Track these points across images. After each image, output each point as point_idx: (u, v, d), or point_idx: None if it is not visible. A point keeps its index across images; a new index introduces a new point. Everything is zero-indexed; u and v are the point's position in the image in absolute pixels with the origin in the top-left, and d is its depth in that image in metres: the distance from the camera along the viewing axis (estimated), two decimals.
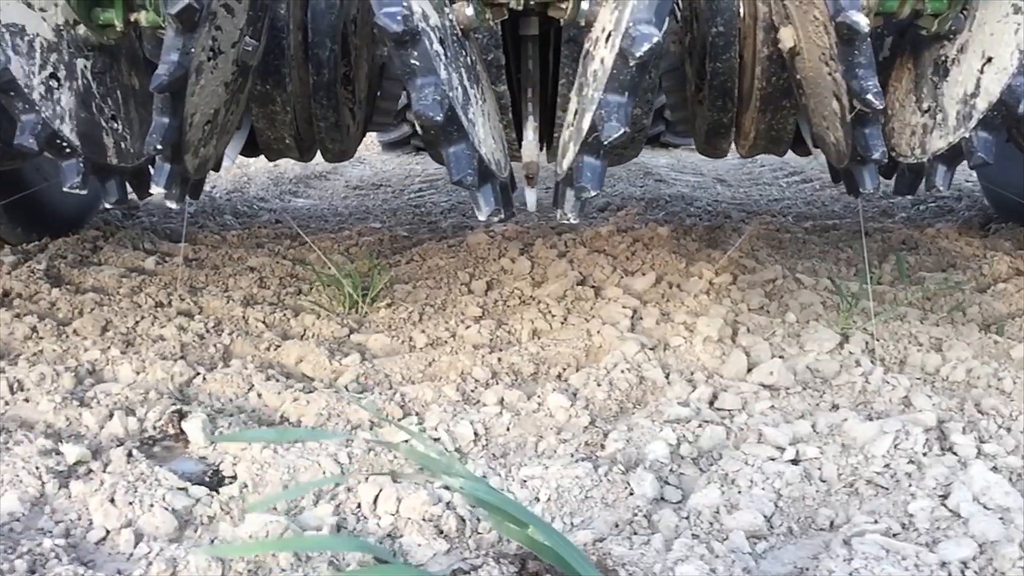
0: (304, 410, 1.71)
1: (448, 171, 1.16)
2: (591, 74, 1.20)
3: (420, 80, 1.08)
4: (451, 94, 1.10)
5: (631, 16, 1.05)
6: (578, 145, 1.16)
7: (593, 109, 1.12)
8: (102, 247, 3.21)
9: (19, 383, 1.82)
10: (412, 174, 5.81)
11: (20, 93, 1.30)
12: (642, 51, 1.03)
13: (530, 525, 0.81)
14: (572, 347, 2.02)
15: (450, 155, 1.14)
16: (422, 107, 1.09)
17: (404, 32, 1.04)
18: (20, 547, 1.20)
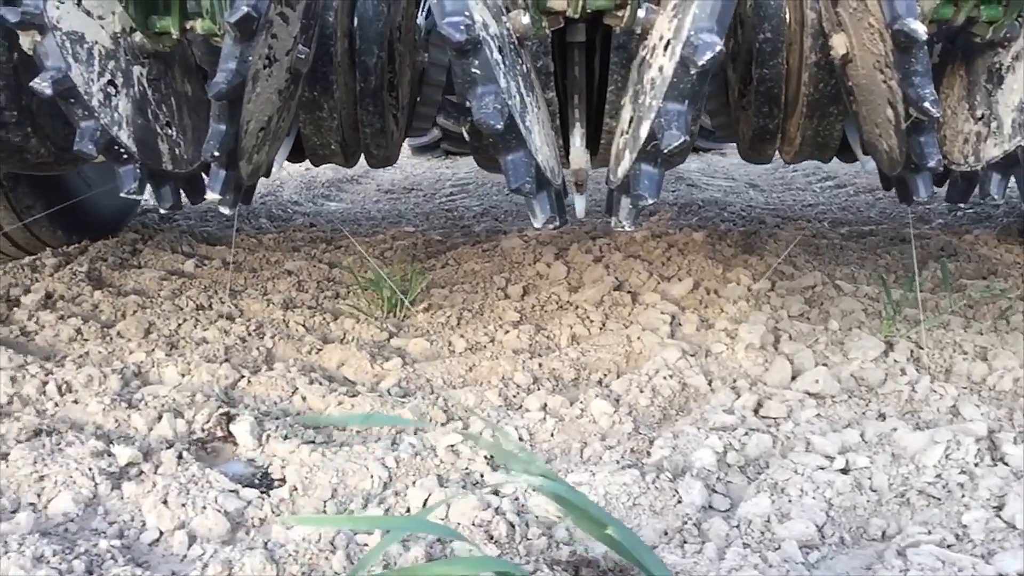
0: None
1: (506, 179, 1.16)
2: (648, 82, 1.20)
3: (480, 88, 1.09)
4: (510, 102, 1.11)
5: (692, 24, 1.05)
6: (635, 153, 1.17)
7: (652, 117, 1.12)
8: (141, 250, 3.26)
9: (67, 384, 1.85)
10: (442, 178, 5.83)
11: (80, 100, 1.33)
12: (704, 60, 1.03)
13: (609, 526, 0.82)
14: (612, 353, 2.01)
15: (508, 163, 1.15)
16: (483, 115, 1.10)
17: (467, 41, 1.05)
18: (77, 547, 1.22)
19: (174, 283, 2.76)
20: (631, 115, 1.29)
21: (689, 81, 1.08)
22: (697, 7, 1.05)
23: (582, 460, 1.52)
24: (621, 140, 1.34)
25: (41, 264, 2.95)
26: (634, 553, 0.81)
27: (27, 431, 1.57)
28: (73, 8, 1.35)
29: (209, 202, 1.48)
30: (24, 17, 1.27)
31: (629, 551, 0.81)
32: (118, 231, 3.57)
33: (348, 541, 1.22)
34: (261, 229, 3.90)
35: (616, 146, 1.39)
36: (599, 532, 0.83)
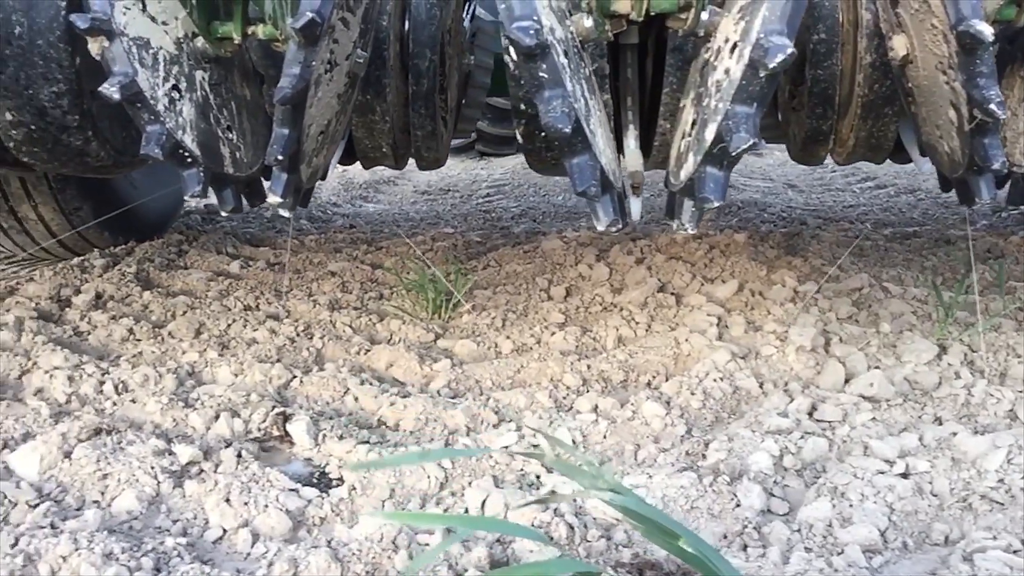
0: (402, 415, 1.74)
1: (572, 182, 1.17)
2: (713, 84, 1.20)
3: (548, 92, 1.10)
4: (576, 106, 1.11)
5: (762, 27, 1.05)
6: (700, 155, 1.16)
7: (718, 120, 1.12)
8: (187, 251, 3.30)
9: (124, 384, 1.88)
10: (478, 179, 5.85)
11: (146, 104, 1.35)
12: (775, 62, 1.03)
13: (681, 536, 0.82)
14: (660, 355, 2.01)
15: (574, 166, 1.15)
16: (550, 119, 1.10)
17: (536, 46, 1.06)
18: (144, 545, 1.24)
19: (221, 284, 2.79)
20: (693, 117, 1.29)
21: (758, 84, 1.07)
22: (767, 9, 1.05)
23: (637, 463, 1.52)
24: (682, 142, 1.34)
25: (90, 265, 3.00)
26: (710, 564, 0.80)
27: (88, 430, 1.60)
28: (139, 14, 1.37)
29: (270, 205, 1.50)
30: (93, 23, 1.29)
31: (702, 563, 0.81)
32: (163, 233, 3.62)
33: (410, 541, 1.23)
34: (302, 230, 3.94)
35: (677, 148, 1.39)
36: (671, 544, 0.83)
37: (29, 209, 3.09)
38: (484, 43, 2.33)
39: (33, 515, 1.33)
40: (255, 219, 4.26)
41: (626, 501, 0.83)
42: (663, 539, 0.83)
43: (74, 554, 1.19)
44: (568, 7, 1.24)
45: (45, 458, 1.49)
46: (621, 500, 0.83)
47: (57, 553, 1.19)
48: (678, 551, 0.83)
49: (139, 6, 1.38)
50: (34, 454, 1.50)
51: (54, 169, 1.88)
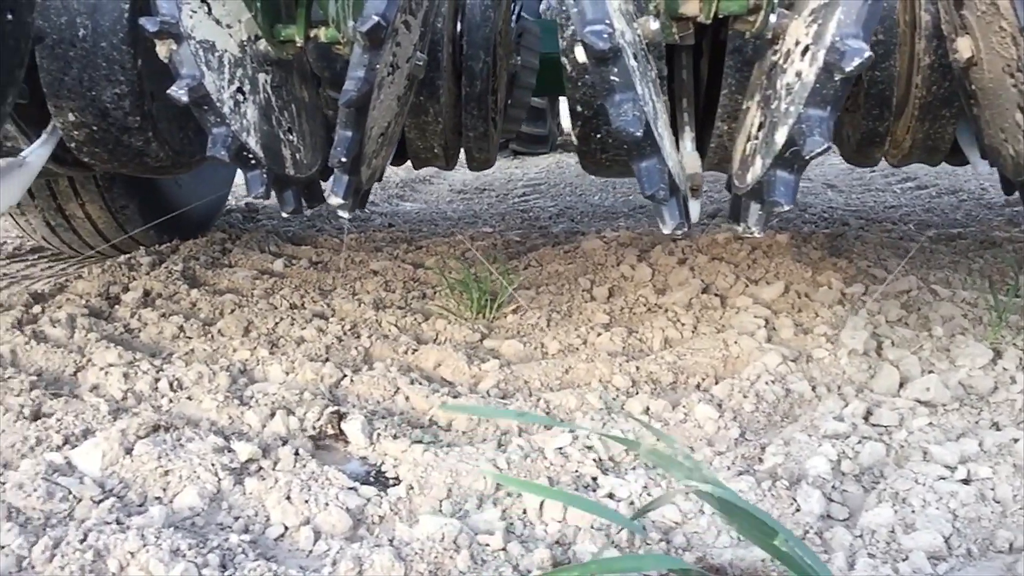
0: (454, 415, 1.74)
1: (640, 186, 1.17)
2: (783, 87, 1.19)
3: (619, 96, 1.10)
4: (646, 109, 1.11)
5: (837, 30, 1.04)
6: (770, 158, 1.16)
7: (790, 123, 1.11)
8: (231, 249, 3.34)
9: (178, 381, 1.91)
10: (513, 178, 5.86)
11: (212, 107, 1.37)
12: (852, 65, 1.03)
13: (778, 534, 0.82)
14: (709, 357, 2.00)
15: (642, 170, 1.15)
16: (622, 123, 1.10)
17: (609, 50, 1.06)
18: (209, 542, 1.26)
19: (266, 282, 2.82)
20: (760, 120, 1.28)
21: (833, 87, 1.07)
22: (842, 12, 1.04)
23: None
24: (748, 145, 1.33)
25: (137, 263, 3.04)
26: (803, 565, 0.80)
27: (146, 426, 1.62)
28: (204, 17, 1.39)
29: (331, 206, 1.51)
30: (162, 26, 1.31)
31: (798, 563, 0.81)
32: (206, 231, 3.67)
33: (471, 541, 1.24)
34: (342, 229, 3.97)
35: (741, 151, 1.38)
36: (766, 542, 0.83)
37: (76, 207, 3.14)
38: (530, 44, 2.34)
39: (98, 511, 1.35)
40: (295, 218, 4.30)
41: (724, 495, 0.83)
42: (759, 537, 0.83)
43: (142, 550, 1.21)
44: (634, 10, 1.24)
45: (107, 454, 1.51)
46: (720, 495, 0.83)
47: (125, 549, 1.21)
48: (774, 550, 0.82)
49: (205, 9, 1.40)
50: (96, 450, 1.53)
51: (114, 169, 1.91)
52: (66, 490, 1.41)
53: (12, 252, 3.52)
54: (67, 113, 1.71)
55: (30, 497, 1.37)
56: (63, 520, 1.36)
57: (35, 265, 3.36)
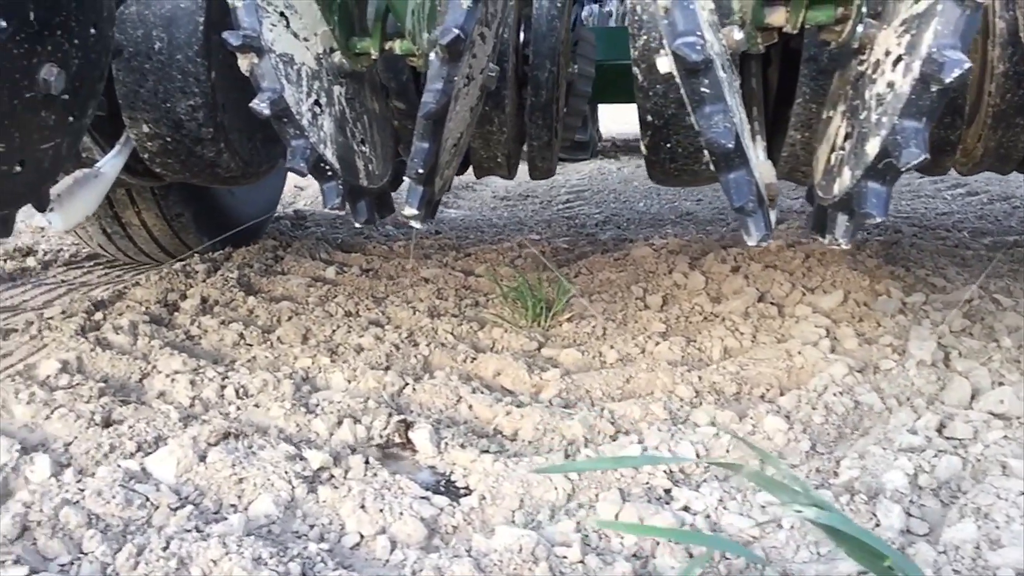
0: (519, 424, 1.74)
1: (729, 198, 1.16)
2: (873, 98, 1.18)
3: (709, 108, 1.09)
4: (735, 120, 1.11)
5: (934, 41, 1.03)
6: (860, 170, 1.14)
7: (883, 134, 1.10)
8: (282, 257, 3.37)
9: (244, 389, 1.93)
10: (555, 185, 5.85)
11: (292, 119, 1.39)
12: (952, 77, 1.01)
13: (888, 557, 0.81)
14: (773, 367, 1.98)
15: (731, 181, 1.14)
16: (713, 135, 1.10)
17: (702, 61, 1.06)
18: (289, 550, 1.27)
19: (320, 289, 2.85)
20: (847, 130, 1.27)
21: (929, 98, 1.05)
22: (939, 23, 1.03)
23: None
24: (832, 155, 1.32)
25: (193, 270, 3.08)
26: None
27: (217, 434, 1.64)
28: (283, 31, 1.41)
29: (404, 217, 1.52)
30: (245, 40, 1.33)
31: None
32: (257, 238, 3.71)
33: (548, 553, 1.24)
34: (389, 236, 3.99)
35: (824, 161, 1.37)
36: (876, 565, 0.81)
37: (133, 215, 3.19)
38: (585, 52, 2.34)
39: (177, 518, 1.37)
40: (342, 225, 4.34)
41: (832, 519, 0.82)
42: (868, 559, 0.82)
43: (224, 558, 1.22)
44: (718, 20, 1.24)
45: (181, 461, 1.53)
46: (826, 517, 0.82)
47: (208, 557, 1.22)
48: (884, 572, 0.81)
49: (284, 23, 1.41)
50: (171, 457, 1.55)
51: (184, 179, 1.94)
52: (143, 497, 1.43)
53: (68, 259, 3.59)
54: (141, 124, 1.74)
55: (109, 504, 1.39)
56: (141, 527, 1.38)
57: (91, 272, 3.42)
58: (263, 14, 1.36)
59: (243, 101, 1.90)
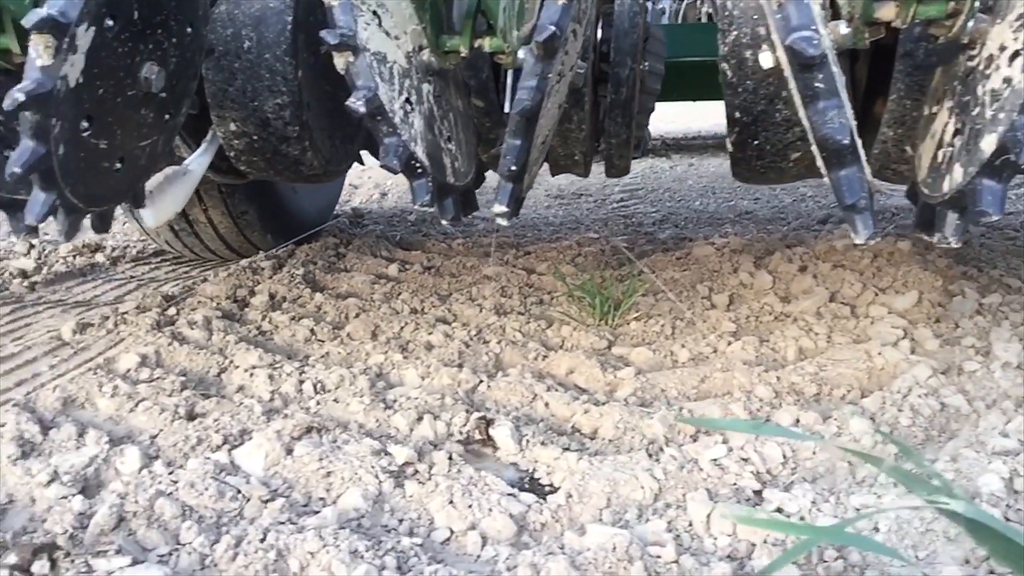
0: (598, 422, 1.74)
1: (840, 195, 1.14)
2: (986, 94, 1.15)
3: (823, 103, 1.08)
4: (848, 115, 1.09)
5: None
6: (975, 167, 1.12)
7: (999, 131, 1.07)
8: (344, 254, 3.40)
9: (321, 384, 1.95)
10: (608, 183, 5.82)
11: (385, 117, 1.39)
12: None
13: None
14: (853, 368, 1.95)
15: (842, 178, 1.12)
16: (828, 131, 1.08)
17: (818, 56, 1.04)
18: (383, 544, 1.28)
19: (384, 287, 2.87)
20: (956, 127, 1.24)
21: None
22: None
23: (856, 481, 1.48)
24: (940, 153, 1.29)
25: (259, 267, 3.12)
26: None
27: (300, 428, 1.66)
28: (376, 29, 1.42)
29: (494, 215, 1.53)
30: (342, 39, 1.34)
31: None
32: (317, 236, 3.75)
33: (642, 552, 1.23)
34: (448, 234, 4.01)
35: (931, 158, 1.34)
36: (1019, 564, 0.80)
37: (200, 212, 3.24)
38: (655, 49, 2.32)
39: (269, 511, 1.39)
40: (399, 223, 4.36)
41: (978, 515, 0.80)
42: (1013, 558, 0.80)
43: (322, 550, 1.23)
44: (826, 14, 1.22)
45: (269, 455, 1.55)
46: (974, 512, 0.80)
47: (305, 549, 1.24)
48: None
49: (376, 22, 1.42)
50: (259, 451, 1.57)
51: (267, 177, 1.96)
52: (235, 489, 1.45)
53: (136, 255, 3.66)
54: (229, 123, 1.76)
55: (202, 496, 1.41)
56: (234, 519, 1.40)
57: (159, 268, 3.48)
58: (357, 13, 1.37)
59: (326, 100, 1.93)
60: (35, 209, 1.24)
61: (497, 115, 1.94)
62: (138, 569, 1.20)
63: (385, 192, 5.70)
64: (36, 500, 1.47)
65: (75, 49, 1.17)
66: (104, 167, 1.30)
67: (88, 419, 1.80)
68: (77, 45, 1.17)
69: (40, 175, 1.20)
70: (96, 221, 1.42)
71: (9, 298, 2.95)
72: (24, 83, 1.14)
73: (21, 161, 1.16)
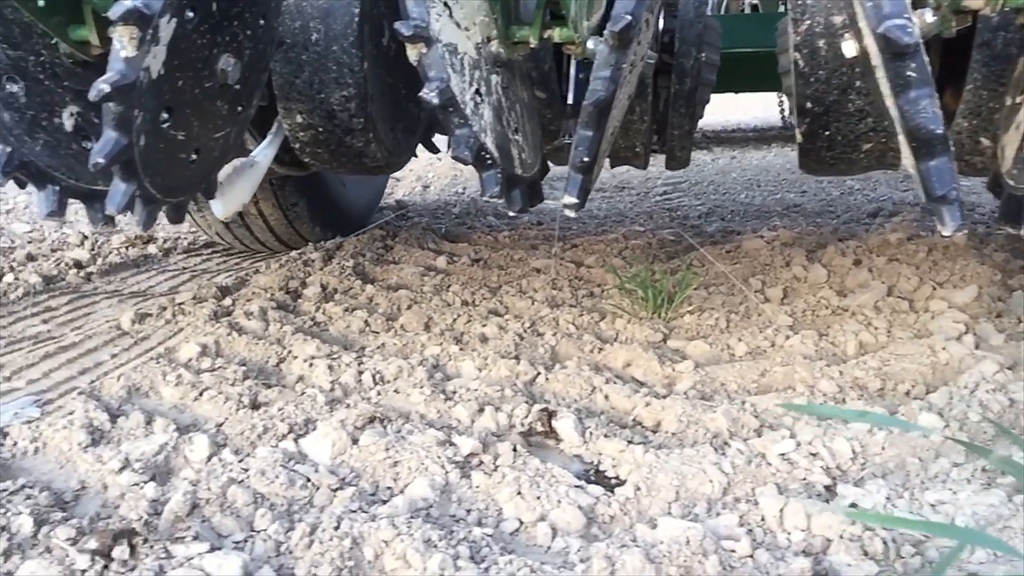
0: (660, 415, 1.73)
1: (928, 186, 1.12)
2: None
3: (915, 92, 1.06)
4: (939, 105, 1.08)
5: None
6: None
7: None
8: (392, 246, 3.42)
9: (380, 375, 1.96)
10: (650, 176, 5.79)
11: (457, 109, 1.40)
12: None
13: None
14: (917, 363, 1.92)
15: (931, 169, 1.10)
16: (922, 120, 1.07)
17: (912, 44, 1.03)
18: (455, 534, 1.28)
19: (433, 279, 2.88)
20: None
21: None
22: None
23: (929, 477, 1.45)
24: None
25: (309, 259, 3.15)
26: None
27: (363, 418, 1.67)
28: (447, 20, 1.42)
29: (562, 206, 1.53)
30: (416, 30, 1.34)
31: None
32: (364, 228, 3.77)
33: (716, 546, 1.22)
34: (492, 227, 4.01)
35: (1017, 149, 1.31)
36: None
37: (251, 204, 3.27)
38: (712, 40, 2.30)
39: (339, 499, 1.40)
40: (444, 215, 4.38)
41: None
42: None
43: (396, 539, 1.23)
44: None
45: (336, 444, 1.57)
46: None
47: (379, 537, 1.24)
48: None
49: (447, 13, 1.43)
50: (325, 440, 1.58)
51: (330, 169, 1.98)
52: (304, 478, 1.47)
53: (187, 247, 3.70)
54: (295, 115, 1.78)
55: (273, 484, 1.43)
56: (304, 507, 1.41)
57: (210, 260, 3.53)
58: (430, 4, 1.37)
59: (388, 92, 1.93)
60: (115, 199, 1.26)
61: (558, 107, 1.94)
62: (217, 556, 1.21)
63: (427, 184, 5.72)
64: (108, 487, 1.49)
65: (158, 40, 1.19)
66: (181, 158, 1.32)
67: (153, 407, 1.82)
68: (160, 37, 1.19)
69: (121, 166, 1.22)
70: (171, 212, 1.44)
71: (66, 288, 3.00)
72: (108, 74, 1.16)
73: (104, 152, 1.18)
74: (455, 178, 6.11)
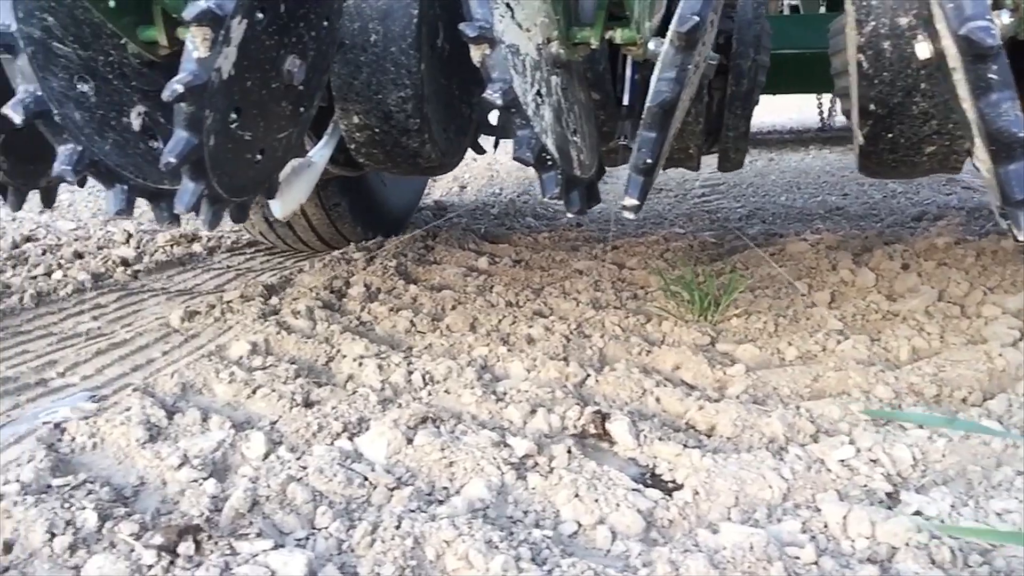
0: (714, 419, 1.72)
1: (1007, 190, 1.10)
2: None
3: (997, 95, 1.04)
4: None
5: None
6: None
7: None
8: (432, 247, 3.43)
9: (430, 375, 1.97)
10: (687, 177, 5.77)
11: (519, 110, 1.40)
12: None
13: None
14: (973, 369, 1.89)
15: (1011, 173, 1.09)
16: (1004, 123, 1.05)
17: (995, 46, 1.01)
18: (515, 535, 1.28)
19: (476, 279, 2.88)
20: None
21: None
22: None
23: (992, 485, 1.43)
24: None
25: (352, 258, 3.17)
26: None
27: (416, 417, 1.67)
28: (510, 21, 1.42)
29: (624, 208, 1.52)
30: (480, 31, 1.35)
31: None
32: (403, 228, 3.79)
33: (781, 553, 1.21)
34: (531, 228, 4.01)
35: None
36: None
37: None
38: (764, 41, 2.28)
39: (397, 498, 1.40)
40: (482, 216, 4.38)
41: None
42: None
43: (457, 539, 1.24)
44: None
45: (391, 443, 1.57)
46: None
47: (440, 537, 1.24)
48: None
49: (509, 14, 1.43)
50: (380, 439, 1.59)
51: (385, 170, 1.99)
52: (361, 476, 1.47)
53: (231, 246, 3.74)
54: (352, 116, 1.79)
55: (331, 482, 1.43)
56: (362, 505, 1.42)
57: (253, 259, 3.56)
58: (493, 5, 1.37)
59: (442, 93, 1.94)
60: (184, 199, 1.28)
61: (612, 108, 1.94)
62: (281, 553, 1.22)
63: (464, 185, 5.73)
64: (167, 483, 1.50)
65: (229, 41, 1.20)
66: (247, 158, 1.33)
67: (207, 404, 1.84)
68: (231, 38, 1.20)
69: (191, 165, 1.23)
70: (236, 211, 1.45)
71: (114, 285, 3.04)
72: (181, 75, 1.17)
73: (176, 151, 1.20)
74: (491, 179, 6.12)
